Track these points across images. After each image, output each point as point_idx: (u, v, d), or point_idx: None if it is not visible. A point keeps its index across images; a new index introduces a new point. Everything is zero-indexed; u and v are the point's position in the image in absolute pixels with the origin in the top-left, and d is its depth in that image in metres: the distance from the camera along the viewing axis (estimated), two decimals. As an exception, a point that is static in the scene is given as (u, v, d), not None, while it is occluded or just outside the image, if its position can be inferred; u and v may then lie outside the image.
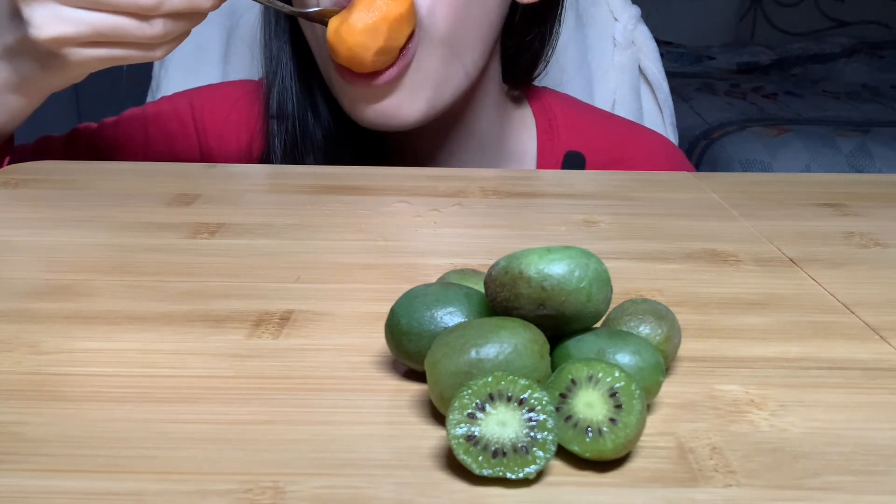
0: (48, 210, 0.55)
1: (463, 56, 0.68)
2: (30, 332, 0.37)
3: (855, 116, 2.44)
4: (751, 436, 0.30)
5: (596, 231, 0.53)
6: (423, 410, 0.31)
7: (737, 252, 0.49)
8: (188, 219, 0.53)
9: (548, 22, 0.77)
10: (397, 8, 0.62)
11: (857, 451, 0.29)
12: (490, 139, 0.78)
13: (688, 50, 3.18)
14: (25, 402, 0.31)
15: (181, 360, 0.35)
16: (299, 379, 0.33)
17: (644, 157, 0.80)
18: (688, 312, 0.40)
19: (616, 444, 0.27)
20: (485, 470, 0.26)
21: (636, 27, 0.98)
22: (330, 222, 0.53)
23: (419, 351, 0.32)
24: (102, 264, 0.45)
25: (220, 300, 0.41)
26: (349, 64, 0.64)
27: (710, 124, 2.34)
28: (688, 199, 0.60)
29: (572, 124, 0.81)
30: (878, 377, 0.34)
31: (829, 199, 0.60)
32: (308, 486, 0.27)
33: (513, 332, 0.30)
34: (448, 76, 0.67)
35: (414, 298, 0.33)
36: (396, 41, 0.63)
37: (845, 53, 3.12)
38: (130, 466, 0.27)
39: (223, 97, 0.80)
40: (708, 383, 0.34)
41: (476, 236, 0.52)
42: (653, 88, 0.99)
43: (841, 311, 0.41)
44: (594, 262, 0.31)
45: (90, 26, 0.53)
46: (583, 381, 0.28)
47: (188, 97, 0.79)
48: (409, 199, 0.58)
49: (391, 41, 0.62)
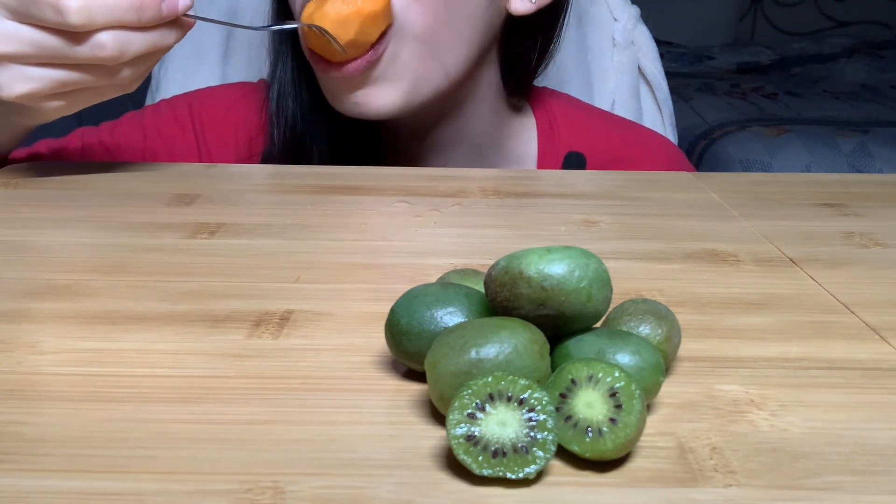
0: (48, 210, 0.55)
1: (441, 55, 0.68)
2: (30, 332, 0.37)
3: (855, 116, 2.44)
4: (751, 436, 0.30)
5: (596, 231, 0.53)
6: (423, 410, 0.31)
7: (737, 252, 0.49)
8: (188, 219, 0.53)
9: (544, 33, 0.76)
10: (372, 5, 0.62)
11: (857, 451, 0.29)
12: (488, 144, 0.78)
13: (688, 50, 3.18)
14: (25, 402, 0.31)
15: (181, 360, 0.35)
16: (299, 379, 0.33)
17: (644, 158, 0.80)
18: (688, 312, 0.40)
19: (616, 444, 0.27)
20: (485, 470, 0.26)
21: (635, 27, 0.98)
22: (330, 222, 0.53)
23: (419, 351, 0.32)
24: (102, 264, 0.45)
25: (220, 300, 0.41)
26: (319, 51, 0.65)
27: (710, 124, 2.34)
28: (688, 199, 0.60)
29: (572, 125, 0.81)
30: (878, 377, 0.35)
31: (829, 199, 0.60)
32: (308, 486, 0.27)
33: (513, 332, 0.30)
34: (426, 73, 0.68)
35: (414, 298, 0.33)
36: (367, 35, 0.63)
37: (845, 53, 3.12)
38: (130, 466, 0.27)
39: (222, 99, 0.80)
40: (708, 383, 0.34)
41: (476, 236, 0.52)
42: (652, 88, 0.99)
43: (841, 311, 0.41)
44: (594, 262, 0.31)
45: (56, 81, 0.54)
46: (583, 381, 0.28)
47: (187, 100, 0.79)
48: (409, 199, 0.58)
49: (361, 35, 0.63)
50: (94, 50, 0.52)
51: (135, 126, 0.77)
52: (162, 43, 0.55)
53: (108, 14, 0.51)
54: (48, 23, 0.51)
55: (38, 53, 0.52)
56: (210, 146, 0.77)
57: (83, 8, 0.50)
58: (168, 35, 0.55)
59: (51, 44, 0.52)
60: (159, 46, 0.55)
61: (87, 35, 0.52)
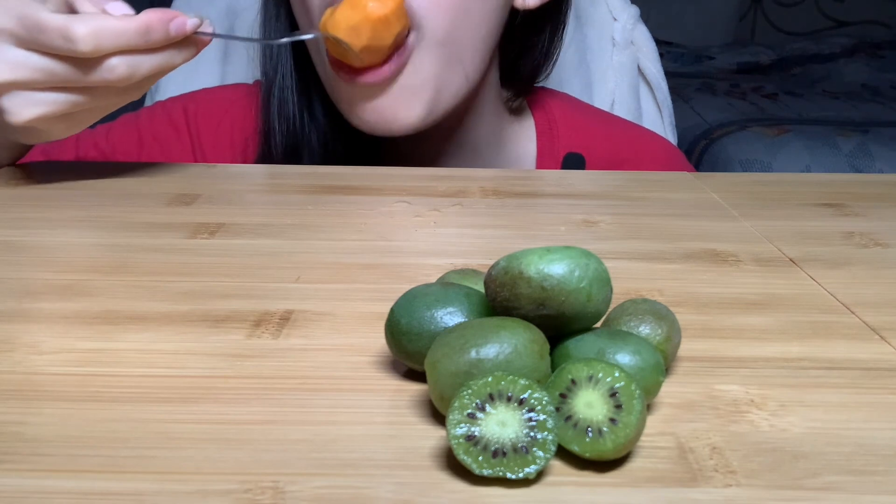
0: (48, 210, 0.55)
1: (464, 59, 0.67)
2: (30, 332, 0.37)
3: (855, 116, 2.44)
4: (751, 436, 0.30)
5: (596, 231, 0.53)
6: (423, 410, 0.31)
7: (737, 252, 0.49)
8: (188, 219, 0.53)
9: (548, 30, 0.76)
10: (382, 9, 0.61)
11: (857, 451, 0.29)
12: (488, 146, 0.78)
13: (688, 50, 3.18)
14: (25, 402, 0.31)
15: (181, 360, 0.35)
16: (299, 379, 0.33)
17: (644, 158, 0.80)
18: (688, 312, 0.40)
19: (616, 444, 0.27)
20: (485, 470, 0.26)
21: (635, 27, 0.98)
22: (330, 222, 0.53)
23: (419, 351, 0.32)
24: (102, 264, 0.45)
25: (220, 300, 0.41)
26: (340, 56, 0.64)
27: (710, 124, 2.34)
28: (688, 199, 0.60)
29: (572, 126, 0.80)
30: (878, 377, 0.35)
31: (829, 199, 0.60)
32: (308, 486, 0.27)
33: (513, 332, 0.30)
34: (449, 80, 0.67)
35: (414, 298, 0.33)
36: (382, 41, 0.62)
37: (845, 53, 3.12)
38: (130, 466, 0.27)
39: (218, 101, 0.79)
40: (708, 383, 0.34)
41: (476, 236, 0.52)
42: (652, 88, 0.99)
43: (841, 311, 0.41)
44: (594, 262, 0.31)
45: (65, 104, 0.54)
46: (583, 381, 0.28)
47: (182, 102, 0.79)
48: (409, 199, 0.58)
49: (375, 41, 0.62)
50: (104, 74, 0.52)
51: (130, 129, 0.77)
52: (171, 62, 0.55)
53: (117, 39, 0.51)
54: (57, 50, 0.51)
55: (48, 80, 0.52)
56: (205, 149, 0.77)
57: (91, 34, 0.50)
58: (177, 55, 0.55)
59: (61, 70, 0.52)
60: (169, 65, 0.55)
61: (96, 60, 0.52)
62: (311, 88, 0.73)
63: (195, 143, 0.77)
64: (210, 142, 0.77)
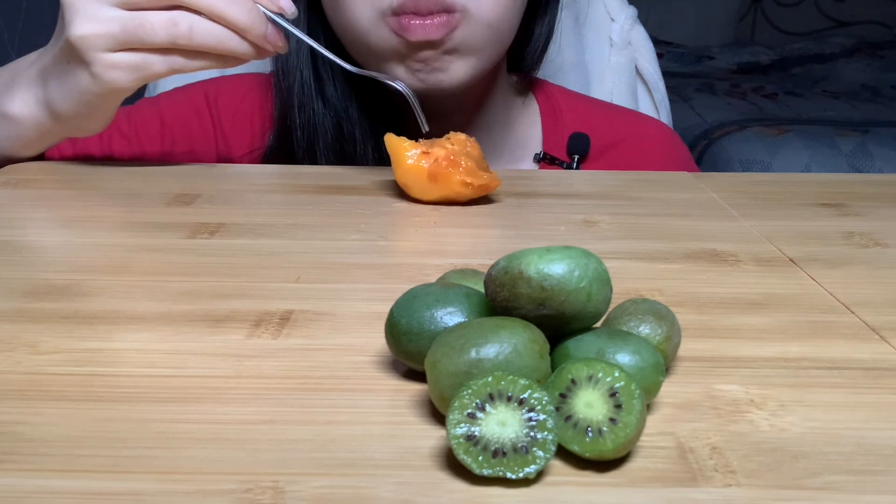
0: (48, 210, 0.55)
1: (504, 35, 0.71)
2: (30, 332, 0.37)
3: (855, 116, 2.45)
4: (751, 436, 0.30)
5: (596, 231, 0.53)
6: (423, 410, 0.31)
7: (737, 252, 0.49)
8: (188, 219, 0.53)
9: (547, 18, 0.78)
10: None
11: (857, 451, 0.29)
12: (499, 126, 0.80)
13: (687, 50, 3.18)
14: (25, 402, 0.31)
15: (181, 360, 0.35)
16: (299, 379, 0.33)
17: (644, 136, 0.83)
18: (688, 312, 0.40)
19: (616, 444, 0.27)
20: (485, 470, 0.26)
21: (633, 27, 0.99)
22: (330, 222, 0.53)
23: (419, 351, 0.32)
24: (102, 264, 0.45)
25: (220, 300, 0.41)
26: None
27: (710, 124, 2.34)
28: (688, 199, 0.60)
29: (573, 109, 0.83)
30: (878, 377, 0.35)
31: (829, 199, 0.60)
32: (308, 486, 0.27)
33: (513, 332, 0.30)
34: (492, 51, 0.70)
35: (414, 298, 0.33)
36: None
37: (845, 53, 3.12)
38: (130, 466, 0.27)
39: (236, 86, 0.81)
40: (708, 383, 0.34)
41: (476, 236, 0.52)
42: (649, 89, 0.99)
43: (841, 311, 0.41)
44: (594, 261, 0.31)
45: (119, 23, 0.56)
46: (583, 381, 0.28)
47: (202, 87, 0.80)
48: (409, 198, 0.58)
49: None
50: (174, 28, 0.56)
51: (152, 111, 0.77)
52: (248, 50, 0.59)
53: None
54: None
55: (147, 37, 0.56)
56: (226, 131, 0.78)
57: None
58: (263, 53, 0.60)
59: None
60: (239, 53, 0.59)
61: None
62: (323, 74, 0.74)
63: (216, 124, 0.78)
64: (230, 125, 0.78)
